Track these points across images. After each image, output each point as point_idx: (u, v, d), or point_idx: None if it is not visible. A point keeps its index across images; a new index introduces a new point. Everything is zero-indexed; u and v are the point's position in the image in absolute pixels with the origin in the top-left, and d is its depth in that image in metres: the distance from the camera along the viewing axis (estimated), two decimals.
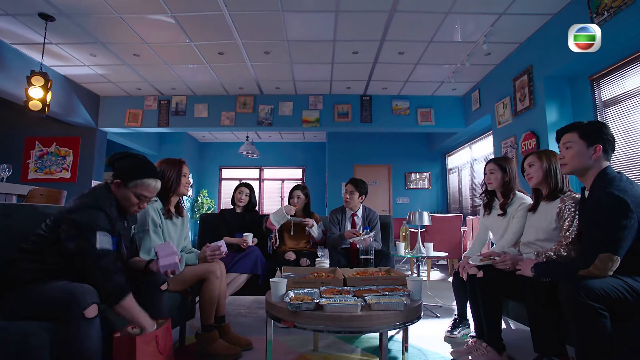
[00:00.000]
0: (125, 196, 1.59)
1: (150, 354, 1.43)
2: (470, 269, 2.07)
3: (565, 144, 1.65)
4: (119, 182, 1.58)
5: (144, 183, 1.60)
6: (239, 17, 3.85)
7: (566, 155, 1.64)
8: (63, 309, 1.25)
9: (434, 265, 5.89)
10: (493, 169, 2.35)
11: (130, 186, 1.58)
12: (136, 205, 1.62)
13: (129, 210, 1.64)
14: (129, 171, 1.59)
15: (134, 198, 1.60)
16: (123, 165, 1.60)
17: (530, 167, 2.04)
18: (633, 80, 3.25)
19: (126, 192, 1.58)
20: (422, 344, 2.25)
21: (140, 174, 1.60)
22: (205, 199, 8.81)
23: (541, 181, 2.00)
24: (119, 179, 1.58)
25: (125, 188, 1.58)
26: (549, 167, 1.98)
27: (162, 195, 2.03)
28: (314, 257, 2.69)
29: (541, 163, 2.00)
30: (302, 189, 3.16)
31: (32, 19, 3.83)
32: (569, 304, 1.42)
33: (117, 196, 1.59)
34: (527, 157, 2.09)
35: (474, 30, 4.10)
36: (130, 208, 1.62)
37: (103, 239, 1.40)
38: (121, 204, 1.60)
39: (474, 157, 6.73)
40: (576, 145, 1.61)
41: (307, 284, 1.82)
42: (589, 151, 1.58)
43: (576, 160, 1.61)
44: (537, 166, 2.01)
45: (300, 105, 6.21)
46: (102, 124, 6.21)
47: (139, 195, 1.60)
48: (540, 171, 1.99)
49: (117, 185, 1.58)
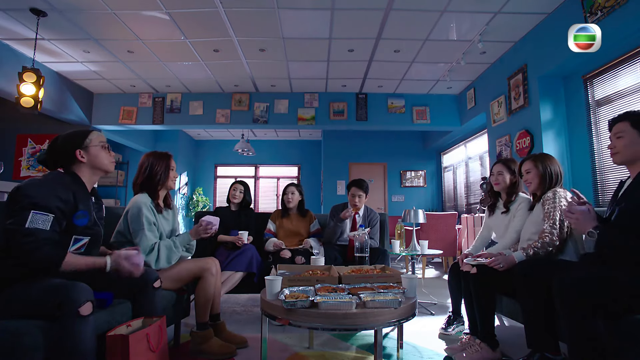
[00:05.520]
0: (94, 154, 1.60)
1: (143, 353, 1.42)
2: (464, 267, 2.09)
3: (616, 134, 1.61)
4: (79, 150, 1.57)
5: (94, 136, 1.63)
6: (234, 13, 3.82)
7: (617, 144, 1.60)
8: (57, 307, 1.24)
9: (428, 263, 5.93)
10: (501, 170, 2.36)
11: (89, 144, 1.60)
12: (108, 154, 1.65)
13: (109, 166, 1.66)
14: (73, 138, 1.59)
15: (101, 148, 1.62)
16: (65, 140, 1.59)
17: (527, 173, 2.11)
18: (625, 79, 3.29)
19: (92, 151, 1.60)
20: (417, 341, 2.26)
21: (84, 133, 1.62)
22: (201, 197, 8.78)
23: (538, 187, 2.08)
24: (77, 148, 1.57)
25: (88, 149, 1.59)
26: (544, 172, 2.05)
27: (150, 189, 2.01)
28: (309, 255, 2.69)
29: (537, 170, 2.06)
30: (296, 186, 3.15)
31: (23, 14, 3.78)
32: (561, 300, 1.44)
33: (88, 163, 1.59)
34: (524, 163, 2.14)
35: (469, 29, 4.11)
36: (107, 162, 1.65)
37: (36, 218, 1.36)
38: (98, 164, 1.61)
39: (469, 155, 6.77)
40: (628, 134, 1.57)
41: (302, 281, 1.82)
42: None
43: (628, 149, 1.57)
44: (534, 173, 2.07)
45: (296, 103, 6.20)
46: (96, 122, 6.15)
47: (102, 144, 1.63)
48: (537, 178, 2.06)
49: (80, 154, 1.57)
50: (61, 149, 1.58)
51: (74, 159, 1.57)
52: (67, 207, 1.46)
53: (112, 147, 5.76)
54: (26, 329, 1.20)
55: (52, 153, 1.58)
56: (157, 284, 1.68)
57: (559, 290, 1.45)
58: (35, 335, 1.20)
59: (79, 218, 1.50)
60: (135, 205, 1.91)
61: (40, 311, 1.26)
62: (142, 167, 2.04)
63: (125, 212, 1.95)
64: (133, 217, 1.90)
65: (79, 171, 1.58)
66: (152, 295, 1.66)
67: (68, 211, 1.46)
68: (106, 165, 1.65)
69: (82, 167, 1.59)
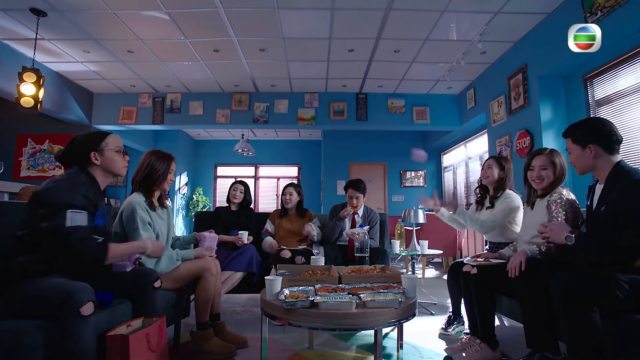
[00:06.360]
0: (109, 157, 1.62)
1: (143, 352, 1.42)
2: (464, 267, 2.09)
3: (567, 150, 1.74)
4: (94, 153, 1.59)
5: (110, 140, 1.64)
6: (234, 13, 3.82)
7: (571, 160, 1.73)
8: (58, 307, 1.24)
9: (428, 263, 5.93)
10: (491, 164, 2.45)
11: (104, 148, 1.61)
12: (122, 159, 1.67)
13: (121, 170, 1.67)
14: (92, 139, 1.61)
15: (116, 154, 1.64)
16: (84, 140, 1.61)
17: (543, 169, 1.94)
18: (625, 79, 3.28)
19: (106, 154, 1.61)
20: (417, 341, 2.26)
21: (102, 136, 1.64)
22: (201, 197, 8.78)
23: (550, 185, 1.94)
24: (92, 150, 1.58)
25: (103, 152, 1.60)
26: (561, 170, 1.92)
27: (146, 187, 2.01)
28: (309, 255, 2.69)
29: (554, 168, 1.92)
30: (295, 186, 3.14)
31: (23, 14, 3.78)
32: (560, 300, 1.44)
33: (102, 166, 1.60)
34: (536, 157, 1.97)
35: (469, 29, 4.11)
36: (120, 166, 1.66)
37: (75, 217, 1.39)
38: (111, 168, 1.63)
39: (469, 155, 6.76)
40: (574, 150, 1.69)
41: (302, 281, 1.82)
42: (586, 152, 1.64)
43: (579, 163, 1.69)
44: (551, 170, 1.93)
45: (296, 103, 6.20)
46: (96, 121, 6.15)
47: (117, 149, 1.65)
48: (552, 177, 1.93)
49: (95, 157, 1.59)
50: (77, 149, 1.59)
51: (89, 161, 1.59)
52: (91, 205, 1.49)
53: None
54: (27, 329, 1.20)
55: (68, 152, 1.60)
56: (157, 284, 1.68)
57: (557, 289, 1.45)
58: (35, 335, 1.20)
59: (98, 218, 1.53)
60: (129, 205, 1.91)
61: (42, 311, 1.26)
62: (143, 163, 2.04)
63: (120, 212, 1.95)
64: (128, 218, 1.90)
65: (93, 172, 1.60)
66: (152, 295, 1.65)
67: (91, 209, 1.49)
68: (119, 170, 1.66)
69: (96, 169, 1.61)
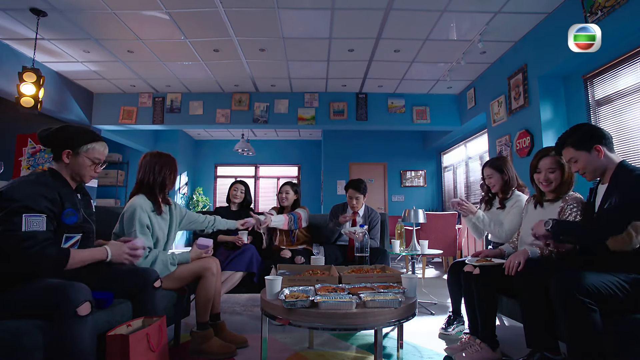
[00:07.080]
0: (79, 163, 1.56)
1: (143, 352, 1.42)
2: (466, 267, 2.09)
3: (570, 161, 1.69)
4: (69, 152, 1.54)
5: (95, 147, 1.59)
6: (234, 13, 3.82)
7: (580, 168, 1.66)
8: (55, 307, 1.24)
9: (428, 263, 5.93)
10: (490, 174, 2.38)
11: (82, 152, 1.56)
12: (92, 169, 1.61)
13: (86, 178, 1.61)
14: (76, 138, 1.56)
15: (89, 162, 1.58)
16: (68, 135, 1.57)
17: (551, 172, 1.89)
18: (626, 79, 3.28)
19: (79, 159, 1.56)
20: (417, 340, 2.26)
21: (89, 139, 1.59)
22: (201, 197, 8.78)
23: (557, 188, 1.90)
24: (68, 149, 1.54)
25: (77, 155, 1.56)
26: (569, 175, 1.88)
27: (149, 193, 1.99)
28: (309, 255, 2.69)
29: (562, 170, 1.88)
30: (292, 185, 3.14)
31: (23, 14, 3.78)
32: (560, 299, 1.44)
33: (70, 166, 1.56)
34: (543, 159, 1.92)
35: (470, 29, 4.11)
36: (86, 175, 1.60)
37: (31, 221, 1.35)
38: (77, 172, 1.57)
39: (469, 155, 6.76)
40: (580, 156, 1.63)
41: (302, 281, 1.82)
42: (593, 155, 1.61)
43: (590, 167, 1.63)
44: (559, 174, 1.88)
45: (296, 103, 6.20)
46: (96, 121, 6.15)
47: (94, 159, 1.59)
48: (560, 179, 1.89)
49: (67, 156, 1.54)
50: (59, 140, 1.56)
51: (60, 156, 1.55)
52: (55, 206, 1.44)
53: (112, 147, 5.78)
54: (26, 329, 1.20)
55: (53, 135, 1.56)
56: (157, 284, 1.68)
57: (557, 289, 1.45)
58: (35, 335, 1.20)
59: (67, 216, 1.48)
60: (131, 207, 1.90)
61: (39, 311, 1.26)
62: (152, 166, 2.01)
63: (121, 214, 1.94)
64: (127, 220, 1.89)
65: (60, 169, 1.56)
66: (152, 295, 1.65)
67: (57, 210, 1.45)
68: (83, 177, 1.60)
69: (63, 167, 1.57)
